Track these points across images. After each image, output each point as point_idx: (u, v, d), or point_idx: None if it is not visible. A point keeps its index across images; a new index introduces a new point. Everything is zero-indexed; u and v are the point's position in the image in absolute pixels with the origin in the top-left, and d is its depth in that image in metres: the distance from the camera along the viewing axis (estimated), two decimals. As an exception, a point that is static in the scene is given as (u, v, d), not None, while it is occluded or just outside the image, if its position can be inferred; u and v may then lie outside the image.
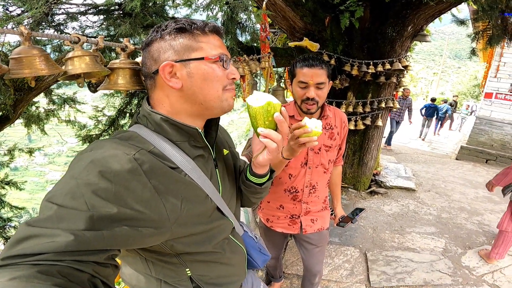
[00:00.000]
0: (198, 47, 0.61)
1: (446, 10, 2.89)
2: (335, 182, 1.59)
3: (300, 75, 1.20)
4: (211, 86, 0.62)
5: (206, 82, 0.62)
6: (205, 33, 0.62)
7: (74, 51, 0.59)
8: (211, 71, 0.62)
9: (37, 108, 2.80)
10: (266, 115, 0.62)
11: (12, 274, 0.38)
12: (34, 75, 0.50)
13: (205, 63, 0.61)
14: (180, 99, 0.63)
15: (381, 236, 2.93)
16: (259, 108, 0.62)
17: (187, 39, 0.61)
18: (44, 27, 1.63)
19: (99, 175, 0.48)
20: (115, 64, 0.66)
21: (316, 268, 1.62)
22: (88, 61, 0.60)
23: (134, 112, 3.01)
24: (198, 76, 0.61)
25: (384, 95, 3.34)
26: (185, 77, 0.61)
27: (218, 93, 0.63)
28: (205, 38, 0.62)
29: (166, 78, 0.60)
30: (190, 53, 0.61)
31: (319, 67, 1.17)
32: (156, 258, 0.67)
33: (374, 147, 3.69)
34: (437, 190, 4.28)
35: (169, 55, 0.60)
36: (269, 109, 0.61)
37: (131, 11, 1.52)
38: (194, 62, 0.61)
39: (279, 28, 3.42)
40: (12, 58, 0.50)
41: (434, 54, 51.68)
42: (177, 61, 0.60)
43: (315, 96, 1.19)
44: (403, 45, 3.08)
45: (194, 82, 0.61)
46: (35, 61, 0.51)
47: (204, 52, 0.61)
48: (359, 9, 2.57)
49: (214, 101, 0.64)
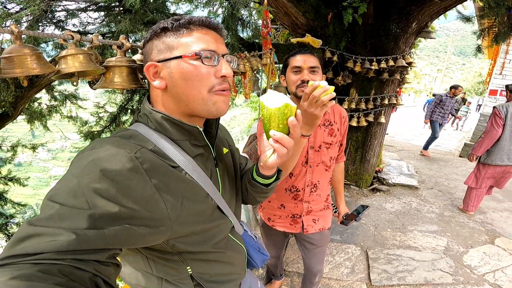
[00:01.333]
0: (178, 45, 0.59)
1: (452, 7, 2.83)
2: (338, 179, 1.58)
3: (293, 62, 1.25)
4: (192, 86, 0.59)
5: (186, 82, 0.59)
6: (189, 29, 0.60)
7: (67, 49, 0.58)
8: (191, 69, 0.58)
9: (39, 104, 2.80)
10: (282, 118, 0.58)
11: (13, 273, 0.38)
12: (25, 74, 0.49)
13: (184, 61, 0.58)
14: (168, 99, 0.62)
15: (382, 234, 2.92)
16: (275, 110, 0.58)
17: (170, 37, 0.60)
18: (44, 25, 1.61)
19: (100, 174, 0.48)
20: (111, 62, 0.65)
21: (317, 268, 1.61)
22: (82, 59, 0.58)
23: (135, 108, 3.01)
24: (178, 75, 0.59)
25: (388, 92, 3.30)
26: (168, 77, 0.60)
27: (202, 94, 0.60)
28: (188, 34, 0.59)
29: (150, 78, 0.60)
30: (171, 52, 0.59)
31: (310, 53, 1.24)
32: (157, 256, 0.67)
33: (376, 144, 3.66)
34: (440, 188, 4.25)
35: (154, 55, 0.60)
36: (285, 111, 0.58)
37: (131, 8, 1.50)
38: (173, 61, 0.59)
39: (281, 24, 3.38)
40: (3, 57, 0.49)
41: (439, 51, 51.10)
42: (159, 61, 0.59)
43: (310, 79, 1.20)
44: (407, 42, 3.03)
45: (175, 82, 0.60)
46: (26, 60, 0.49)
47: (183, 49, 0.59)
48: (362, 5, 2.53)
49: (198, 102, 0.60)
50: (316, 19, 2.89)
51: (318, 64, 1.23)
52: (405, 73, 3.26)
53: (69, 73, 0.58)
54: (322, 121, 1.34)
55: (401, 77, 3.24)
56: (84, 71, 0.59)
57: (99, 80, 0.67)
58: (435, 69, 42.81)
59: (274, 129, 0.59)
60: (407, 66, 3.06)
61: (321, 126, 1.34)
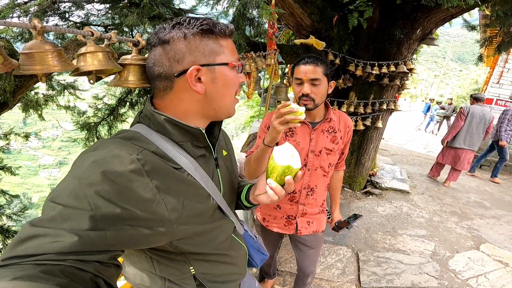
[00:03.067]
0: (221, 51, 0.60)
1: (459, 15, 2.84)
2: (336, 187, 1.59)
3: (296, 73, 1.24)
4: (229, 92, 0.63)
5: (226, 88, 0.62)
6: (225, 36, 0.61)
7: (86, 46, 0.57)
8: (232, 77, 0.62)
9: (36, 93, 2.74)
10: (281, 174, 0.67)
11: (15, 274, 0.38)
12: (45, 71, 0.49)
13: (228, 68, 0.61)
14: (197, 103, 0.62)
15: (373, 237, 2.98)
16: (279, 166, 0.67)
17: (212, 42, 0.59)
18: (49, 15, 1.58)
19: (102, 175, 0.49)
20: (126, 60, 0.64)
21: (309, 269, 1.64)
22: (101, 57, 0.58)
23: (134, 101, 2.97)
24: (221, 81, 0.61)
25: (386, 97, 3.34)
26: (209, 82, 0.60)
27: (232, 99, 0.65)
28: (225, 42, 0.61)
29: (192, 83, 0.58)
30: (215, 57, 0.59)
31: (313, 64, 1.20)
32: (161, 256, 0.68)
33: (372, 148, 3.71)
34: (430, 193, 4.34)
35: (194, 58, 0.58)
36: (286, 171, 0.67)
37: (139, 1, 1.48)
38: (218, 67, 0.60)
39: (285, 25, 3.37)
40: (23, 53, 0.48)
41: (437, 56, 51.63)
42: (203, 65, 0.58)
43: (310, 93, 1.21)
44: (410, 48, 3.06)
45: (216, 88, 0.61)
46: (47, 57, 0.48)
47: (226, 57, 0.60)
48: (368, 9, 2.54)
49: (226, 107, 0.65)
50: (321, 21, 2.89)
51: (321, 75, 1.21)
52: (405, 79, 3.30)
53: (87, 71, 0.58)
54: (327, 128, 1.35)
55: (401, 83, 3.28)
56: (101, 70, 0.59)
57: (114, 78, 0.66)
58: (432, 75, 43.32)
59: (272, 179, 0.69)
60: (408, 72, 3.10)
61: (324, 132, 1.35)
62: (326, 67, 1.24)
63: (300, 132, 1.34)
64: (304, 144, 1.34)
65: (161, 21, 1.83)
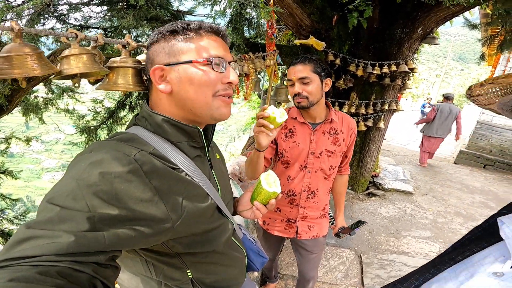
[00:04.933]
0: (188, 49, 0.59)
1: (460, 13, 2.81)
2: (340, 191, 1.55)
3: (287, 75, 1.27)
4: (199, 91, 0.60)
5: (193, 87, 0.60)
6: (199, 34, 0.60)
7: (70, 48, 0.55)
8: (200, 74, 0.59)
9: (35, 97, 2.74)
10: (267, 197, 0.79)
11: (11, 275, 0.38)
12: (25, 75, 0.46)
13: (194, 66, 0.59)
14: (171, 103, 0.62)
15: (376, 239, 2.94)
16: (265, 191, 0.78)
17: (179, 41, 0.59)
18: (45, 18, 1.56)
19: (100, 176, 0.48)
20: (115, 63, 0.62)
21: (310, 274, 1.60)
22: (86, 60, 0.55)
23: (133, 104, 2.96)
24: (186, 80, 0.59)
25: (388, 97, 3.30)
26: (174, 81, 0.60)
27: (207, 99, 0.62)
28: (198, 39, 0.60)
29: (156, 81, 0.59)
30: (180, 56, 0.59)
31: (301, 63, 1.22)
32: (157, 259, 0.66)
33: (374, 149, 3.67)
34: (434, 194, 4.29)
35: (161, 58, 0.59)
36: (271, 195, 0.79)
37: (136, 3, 1.46)
38: (182, 65, 0.59)
39: (285, 25, 3.35)
40: (1, 56, 0.46)
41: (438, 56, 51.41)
42: (167, 64, 0.59)
43: (301, 91, 1.22)
44: (411, 47, 3.02)
45: (182, 87, 0.60)
46: (26, 61, 0.46)
47: (194, 54, 0.59)
48: (368, 8, 2.51)
49: (203, 108, 0.62)
50: (321, 21, 2.86)
51: (310, 73, 1.20)
52: (406, 78, 3.26)
53: (71, 74, 0.55)
54: (328, 129, 1.32)
55: (403, 83, 3.24)
56: (87, 72, 0.56)
57: (102, 81, 0.64)
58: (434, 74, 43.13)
59: (258, 201, 0.80)
60: (409, 71, 3.06)
61: (325, 133, 1.32)
62: (316, 65, 1.22)
63: (300, 133, 1.32)
64: (304, 145, 1.31)
65: (159, 23, 1.82)
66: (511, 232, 0.48)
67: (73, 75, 0.57)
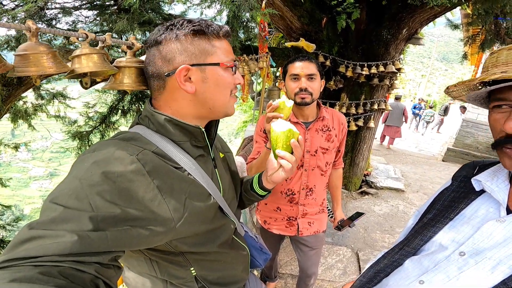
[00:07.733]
0: (213, 51, 0.61)
1: (441, 14, 2.94)
2: (336, 185, 1.59)
3: (291, 69, 1.27)
4: (222, 92, 0.63)
5: (218, 88, 0.62)
6: (219, 37, 0.62)
7: (81, 48, 0.56)
8: (224, 77, 0.62)
9: (24, 103, 2.68)
10: (286, 140, 0.70)
11: (13, 275, 0.38)
12: (41, 73, 0.48)
13: (220, 68, 0.62)
14: (189, 103, 0.63)
15: (372, 236, 2.99)
16: (281, 133, 0.69)
17: (204, 42, 0.60)
18: (37, 22, 1.55)
19: (103, 176, 0.48)
20: (121, 63, 0.64)
21: (312, 270, 1.63)
22: (96, 59, 0.57)
23: (126, 109, 2.94)
24: (212, 81, 0.61)
25: (377, 97, 3.40)
26: (200, 82, 0.61)
27: (226, 98, 0.65)
28: (219, 42, 0.62)
29: (181, 82, 0.59)
30: (206, 57, 0.60)
31: (309, 60, 1.25)
32: (161, 258, 0.66)
33: (365, 148, 3.75)
34: (425, 191, 4.40)
35: (185, 58, 0.59)
36: (289, 135, 0.70)
37: (129, 7, 1.47)
38: (209, 67, 0.60)
39: (276, 28, 3.41)
40: (18, 54, 0.47)
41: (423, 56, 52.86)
42: (193, 64, 0.59)
43: (308, 87, 1.24)
44: (397, 48, 3.13)
45: (207, 88, 0.61)
46: (42, 59, 0.48)
47: (218, 57, 0.61)
48: (355, 11, 2.59)
49: (222, 106, 0.65)
50: (311, 23, 2.94)
51: (316, 71, 1.25)
52: (394, 78, 3.37)
53: (82, 73, 0.57)
54: (320, 126, 1.36)
55: (390, 83, 3.34)
56: (96, 72, 0.58)
57: (108, 81, 0.65)
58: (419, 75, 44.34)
59: (279, 148, 0.70)
60: (396, 71, 3.17)
61: (318, 131, 1.35)
62: (318, 65, 1.28)
63: None
64: None
65: (152, 27, 1.83)
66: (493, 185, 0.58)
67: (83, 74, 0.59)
